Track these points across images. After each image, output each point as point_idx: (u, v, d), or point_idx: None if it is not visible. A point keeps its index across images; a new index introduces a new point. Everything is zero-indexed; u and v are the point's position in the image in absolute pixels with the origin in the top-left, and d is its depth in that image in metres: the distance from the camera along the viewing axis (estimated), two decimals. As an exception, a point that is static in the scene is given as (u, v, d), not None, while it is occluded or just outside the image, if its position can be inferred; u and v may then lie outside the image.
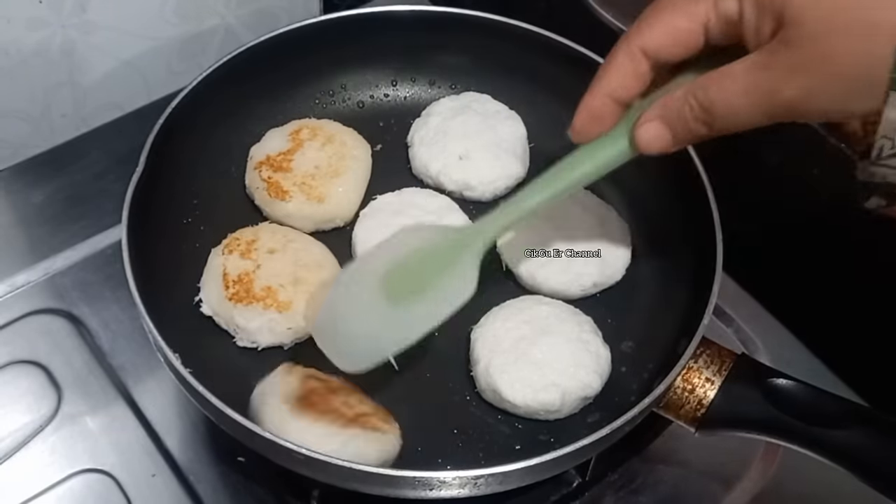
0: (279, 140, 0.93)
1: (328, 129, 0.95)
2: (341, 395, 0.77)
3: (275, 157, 0.91)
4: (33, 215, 1.02)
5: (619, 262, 0.89)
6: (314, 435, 0.73)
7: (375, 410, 0.78)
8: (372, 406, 0.78)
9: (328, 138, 0.93)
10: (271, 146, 0.93)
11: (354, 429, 0.74)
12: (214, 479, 0.85)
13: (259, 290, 0.82)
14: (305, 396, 0.75)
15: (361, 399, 0.78)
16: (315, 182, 0.90)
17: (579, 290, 0.88)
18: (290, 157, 0.91)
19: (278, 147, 0.93)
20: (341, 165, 0.92)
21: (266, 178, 0.90)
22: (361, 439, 0.74)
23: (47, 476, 0.85)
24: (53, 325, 0.94)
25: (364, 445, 0.74)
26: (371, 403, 0.78)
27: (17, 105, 1.06)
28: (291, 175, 0.90)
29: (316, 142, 0.93)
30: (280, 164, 0.91)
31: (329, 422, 0.74)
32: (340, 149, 0.93)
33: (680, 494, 0.88)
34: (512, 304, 0.86)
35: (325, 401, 0.75)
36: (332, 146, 0.93)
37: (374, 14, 0.98)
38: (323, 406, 0.75)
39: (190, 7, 1.11)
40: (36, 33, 1.01)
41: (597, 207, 0.93)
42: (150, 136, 0.85)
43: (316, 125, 0.95)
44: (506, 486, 0.73)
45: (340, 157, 0.92)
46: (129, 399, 0.89)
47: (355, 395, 0.78)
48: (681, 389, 0.77)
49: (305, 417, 0.73)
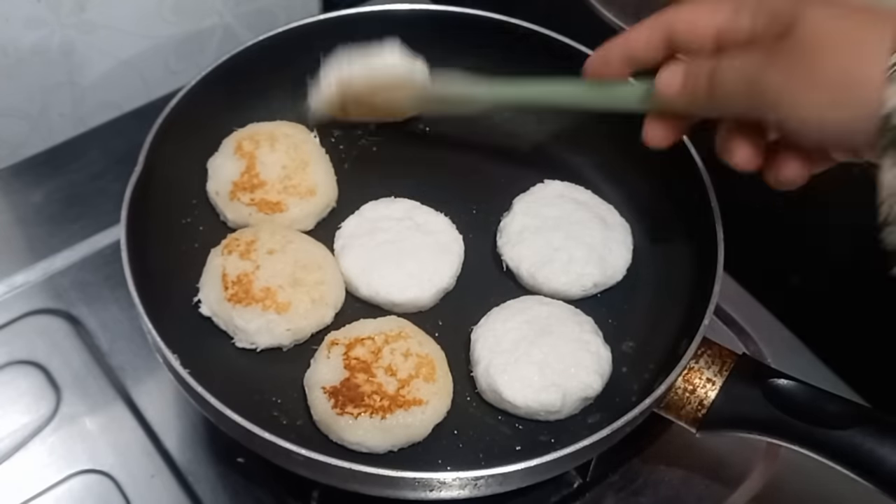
0: (229, 164, 0.90)
1: (264, 130, 0.93)
2: (386, 354, 0.79)
3: (241, 181, 0.89)
4: (32, 215, 1.02)
5: (620, 262, 0.89)
6: (363, 429, 0.76)
7: (419, 365, 0.79)
8: (416, 360, 0.79)
9: (271, 138, 0.92)
10: (227, 173, 0.90)
11: (396, 412, 0.76)
12: (213, 480, 0.85)
13: (258, 290, 0.82)
14: (347, 381, 0.78)
15: (406, 350, 0.79)
16: (295, 181, 0.90)
17: (580, 291, 0.88)
18: (254, 172, 0.89)
19: (235, 170, 0.90)
20: (303, 155, 0.91)
21: (250, 202, 0.88)
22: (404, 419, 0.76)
23: (46, 477, 0.84)
24: (52, 326, 0.93)
25: (410, 422, 0.77)
26: (419, 351, 0.80)
27: (16, 104, 1.06)
28: (269, 186, 0.89)
29: (264, 147, 0.91)
30: (251, 183, 0.89)
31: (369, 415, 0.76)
32: (289, 141, 0.92)
33: (681, 495, 0.88)
34: (512, 304, 0.85)
35: (368, 380, 0.78)
36: (281, 143, 0.92)
37: (374, 13, 0.98)
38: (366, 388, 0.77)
39: (188, 6, 1.10)
40: (34, 32, 1.00)
41: (598, 206, 0.92)
42: (149, 136, 0.85)
43: (249, 133, 0.92)
44: (506, 487, 0.73)
45: (296, 148, 0.92)
46: (127, 400, 0.89)
47: (401, 343, 0.80)
48: (682, 390, 0.77)
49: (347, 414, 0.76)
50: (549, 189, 0.93)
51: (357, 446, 0.77)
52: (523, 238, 0.89)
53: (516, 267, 0.89)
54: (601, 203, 0.93)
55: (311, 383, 0.79)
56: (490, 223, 0.93)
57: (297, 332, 0.82)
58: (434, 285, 0.86)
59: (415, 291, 0.86)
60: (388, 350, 0.80)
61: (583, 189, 0.94)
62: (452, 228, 0.90)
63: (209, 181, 0.91)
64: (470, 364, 0.83)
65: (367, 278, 0.86)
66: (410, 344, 0.81)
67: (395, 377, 0.78)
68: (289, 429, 0.79)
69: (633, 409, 0.73)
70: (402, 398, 0.77)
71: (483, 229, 0.93)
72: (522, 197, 0.93)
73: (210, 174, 0.91)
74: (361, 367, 0.78)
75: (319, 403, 0.78)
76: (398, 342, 0.80)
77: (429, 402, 0.78)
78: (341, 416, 0.76)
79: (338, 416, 0.76)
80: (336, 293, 0.85)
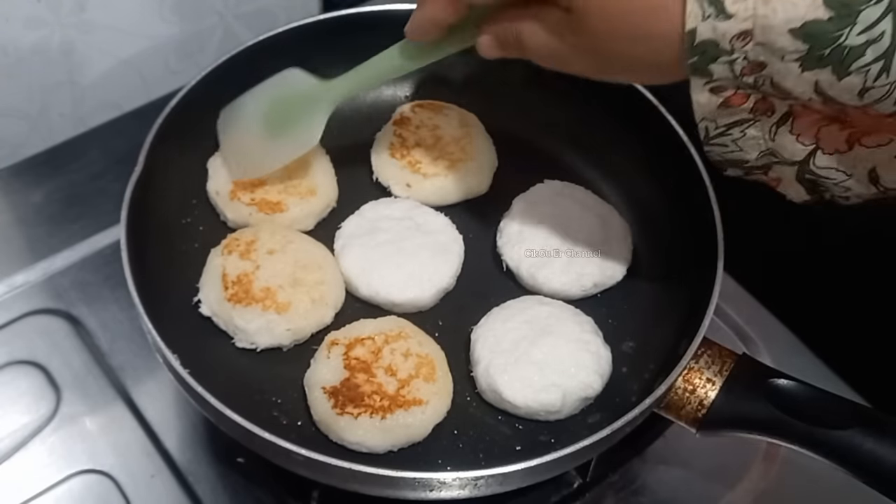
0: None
1: None
2: (386, 355, 0.79)
3: (241, 181, 0.89)
4: (32, 215, 1.02)
5: (620, 262, 0.89)
6: (363, 429, 0.76)
7: (419, 365, 0.79)
8: (416, 360, 0.79)
9: None
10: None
11: (396, 412, 0.76)
12: (214, 480, 0.85)
13: (258, 290, 0.82)
14: (347, 381, 0.78)
15: (406, 350, 0.79)
16: (296, 180, 0.90)
17: (580, 291, 0.88)
18: None
19: None
20: (305, 155, 0.91)
21: (251, 202, 0.88)
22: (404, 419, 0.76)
23: (46, 477, 0.84)
24: (52, 326, 0.93)
25: (410, 422, 0.76)
26: (419, 351, 0.80)
27: (15, 104, 1.06)
28: (270, 186, 0.89)
29: None
30: (252, 183, 0.89)
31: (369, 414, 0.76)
32: None
33: (681, 495, 0.88)
34: (512, 304, 0.85)
35: (368, 380, 0.78)
36: None
37: (374, 13, 0.98)
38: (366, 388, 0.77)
39: (188, 6, 1.10)
40: (34, 32, 1.00)
41: (597, 206, 0.92)
42: (149, 136, 0.85)
43: None
44: (506, 487, 0.73)
45: None
46: (127, 400, 0.89)
47: (401, 343, 0.80)
48: (682, 390, 0.77)
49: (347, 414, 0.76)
50: (549, 189, 0.93)
51: (357, 446, 0.77)
52: (523, 238, 0.89)
53: (516, 267, 0.89)
54: (601, 203, 0.93)
55: (311, 383, 0.79)
56: (490, 223, 0.93)
57: (297, 332, 0.82)
58: (434, 285, 0.86)
59: (415, 291, 0.86)
60: (388, 350, 0.80)
61: (582, 189, 0.94)
62: (453, 228, 0.90)
63: (209, 181, 0.91)
64: (470, 364, 0.83)
65: (368, 278, 0.86)
66: (410, 344, 0.81)
67: (395, 377, 0.78)
68: (289, 429, 0.79)
69: (633, 410, 0.73)
70: (402, 398, 0.77)
71: (483, 229, 0.93)
72: (522, 197, 0.93)
73: (210, 174, 0.91)
74: (361, 367, 0.78)
75: (319, 403, 0.78)
76: (398, 342, 0.80)
77: (429, 402, 0.78)
78: (341, 416, 0.76)
79: (338, 416, 0.76)
80: (336, 293, 0.85)
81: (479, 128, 0.98)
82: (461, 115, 0.98)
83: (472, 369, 0.83)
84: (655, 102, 0.92)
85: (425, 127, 0.96)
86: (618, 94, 0.91)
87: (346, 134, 0.98)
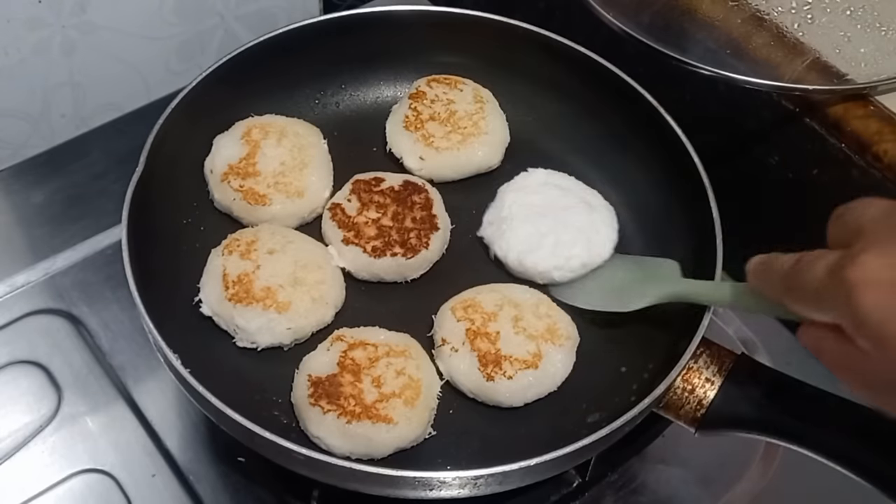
0: (232, 146, 0.91)
1: (277, 123, 0.93)
2: (380, 365, 0.78)
3: (237, 165, 0.89)
4: (33, 215, 1.02)
5: (607, 242, 0.89)
6: (325, 426, 0.75)
7: (406, 387, 0.78)
8: (405, 381, 0.78)
9: (281, 133, 0.92)
10: (228, 154, 0.90)
11: (363, 422, 0.75)
12: (214, 480, 0.85)
13: (259, 290, 0.82)
14: (333, 377, 0.78)
15: (401, 369, 0.79)
16: (288, 179, 0.90)
17: (569, 273, 0.88)
18: (252, 160, 0.90)
19: (236, 154, 0.90)
20: (305, 156, 0.91)
21: (238, 188, 0.88)
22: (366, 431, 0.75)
23: (47, 476, 0.85)
24: (53, 326, 0.94)
25: (372, 436, 0.75)
26: (412, 374, 0.79)
27: (17, 105, 1.06)
28: (262, 178, 0.89)
29: (271, 139, 0.91)
30: (246, 170, 0.89)
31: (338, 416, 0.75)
32: (297, 140, 0.92)
33: (680, 495, 0.88)
34: None
35: (352, 383, 0.77)
36: (288, 139, 0.92)
37: (374, 14, 0.98)
38: (347, 389, 0.77)
39: (189, 7, 1.11)
40: (35, 33, 1.01)
41: (582, 191, 0.93)
42: (150, 137, 0.85)
43: (262, 122, 0.93)
44: (506, 487, 0.73)
45: (301, 149, 0.92)
46: (129, 399, 0.89)
47: (399, 360, 0.79)
48: (681, 390, 0.77)
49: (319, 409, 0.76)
50: (533, 177, 0.94)
51: (317, 440, 0.76)
52: (510, 227, 0.89)
53: (504, 255, 0.89)
54: (584, 188, 0.93)
55: (304, 367, 0.80)
56: (474, 214, 0.92)
57: (298, 331, 0.83)
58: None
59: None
60: (384, 362, 0.79)
61: (566, 175, 0.94)
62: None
63: (209, 156, 0.91)
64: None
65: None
66: (408, 364, 0.80)
67: (378, 389, 0.78)
68: (289, 428, 0.79)
69: (633, 409, 0.73)
70: (374, 411, 0.76)
71: (468, 220, 0.92)
72: (507, 186, 0.93)
73: (213, 150, 0.92)
74: (352, 369, 0.78)
75: (300, 388, 0.78)
76: (398, 358, 0.80)
77: (397, 424, 0.76)
78: (312, 407, 0.76)
79: (310, 405, 0.76)
80: (336, 292, 0.85)
81: (494, 104, 0.98)
82: (475, 91, 0.98)
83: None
84: (656, 104, 0.92)
85: (440, 101, 0.96)
86: (611, 88, 0.92)
87: (347, 134, 0.98)
